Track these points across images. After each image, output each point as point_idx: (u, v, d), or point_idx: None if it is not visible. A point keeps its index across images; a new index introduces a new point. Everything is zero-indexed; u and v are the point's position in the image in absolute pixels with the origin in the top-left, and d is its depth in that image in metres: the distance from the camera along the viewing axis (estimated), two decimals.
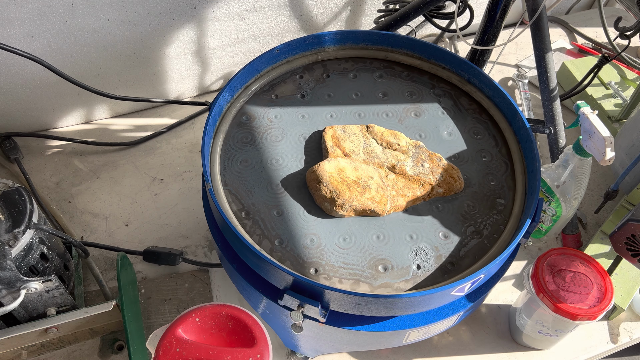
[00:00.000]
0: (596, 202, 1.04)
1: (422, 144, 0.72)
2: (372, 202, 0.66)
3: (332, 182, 0.66)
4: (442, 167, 0.69)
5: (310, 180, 0.68)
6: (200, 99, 1.18)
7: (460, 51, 1.30)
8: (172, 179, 1.04)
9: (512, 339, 0.86)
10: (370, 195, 0.66)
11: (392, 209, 0.66)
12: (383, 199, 0.66)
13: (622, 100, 1.15)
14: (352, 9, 1.18)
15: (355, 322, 0.63)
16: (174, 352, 0.59)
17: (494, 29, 0.96)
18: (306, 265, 0.63)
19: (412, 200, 0.67)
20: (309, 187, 0.68)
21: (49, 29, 0.93)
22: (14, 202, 0.72)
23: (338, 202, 0.65)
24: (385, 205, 0.66)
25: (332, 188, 0.65)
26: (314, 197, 0.67)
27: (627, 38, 0.91)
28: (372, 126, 0.73)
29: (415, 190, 0.68)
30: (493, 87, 0.76)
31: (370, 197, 0.66)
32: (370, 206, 0.65)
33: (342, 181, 0.66)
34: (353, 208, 0.65)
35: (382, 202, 0.66)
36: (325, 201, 0.66)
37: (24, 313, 0.74)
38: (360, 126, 0.73)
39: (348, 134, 0.72)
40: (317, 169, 0.67)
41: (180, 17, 1.01)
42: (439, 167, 0.69)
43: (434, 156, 0.70)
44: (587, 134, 0.75)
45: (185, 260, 0.91)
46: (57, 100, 1.05)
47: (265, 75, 0.79)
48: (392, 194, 0.67)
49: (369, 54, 0.83)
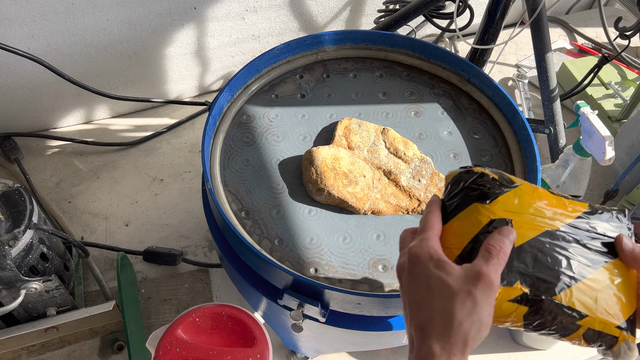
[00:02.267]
0: (596, 202, 1.04)
1: (430, 161, 0.70)
2: (351, 197, 0.66)
3: (321, 167, 0.66)
4: (438, 189, 0.69)
5: (305, 159, 0.69)
6: (200, 99, 1.18)
7: (460, 51, 1.30)
8: (172, 179, 1.04)
9: (512, 338, 0.86)
10: (353, 190, 0.66)
11: (369, 210, 0.67)
12: (365, 197, 0.66)
13: (622, 100, 1.15)
14: (352, 9, 1.18)
15: (355, 322, 0.63)
16: (174, 352, 0.59)
17: (494, 28, 0.96)
18: (306, 265, 0.63)
19: (395, 208, 0.67)
20: (302, 165, 0.69)
21: (49, 29, 0.93)
22: (14, 202, 0.72)
23: (319, 186, 0.66)
24: (364, 204, 0.66)
25: (320, 172, 0.66)
26: (303, 176, 0.68)
27: (627, 38, 0.92)
28: (388, 129, 0.72)
29: (401, 201, 0.67)
30: (493, 87, 0.76)
31: (352, 192, 0.66)
32: (348, 199, 0.66)
33: (333, 169, 0.67)
34: (331, 195, 0.66)
35: (362, 201, 0.66)
36: (309, 182, 0.67)
37: (24, 313, 0.74)
38: (377, 126, 0.73)
39: (361, 129, 0.72)
40: (313, 151, 0.68)
41: (180, 17, 1.01)
42: (436, 187, 0.69)
43: (436, 175, 0.69)
44: (587, 134, 0.75)
45: (185, 260, 0.91)
46: (57, 100, 1.05)
47: (265, 75, 0.79)
48: (375, 197, 0.67)
49: (369, 54, 0.83)
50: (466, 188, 0.47)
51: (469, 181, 0.48)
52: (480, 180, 0.47)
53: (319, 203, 0.67)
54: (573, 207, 0.47)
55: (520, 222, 0.46)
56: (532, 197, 0.47)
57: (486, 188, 0.47)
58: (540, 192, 0.48)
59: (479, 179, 0.48)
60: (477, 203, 0.46)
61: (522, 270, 0.44)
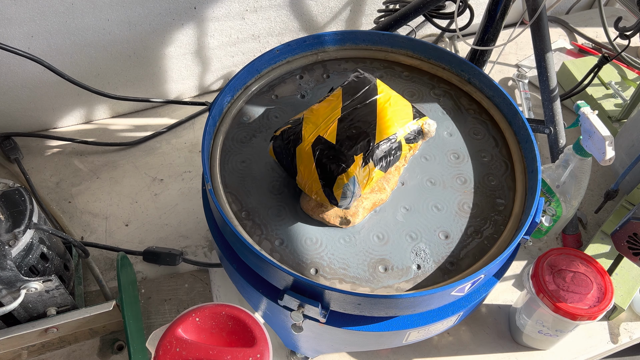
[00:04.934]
0: (596, 202, 1.04)
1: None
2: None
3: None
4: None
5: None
6: (200, 99, 1.18)
7: (460, 51, 1.30)
8: (172, 179, 1.04)
9: (512, 339, 0.86)
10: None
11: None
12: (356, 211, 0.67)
13: (622, 100, 1.15)
14: (352, 9, 1.18)
15: (355, 322, 0.63)
16: (174, 352, 0.59)
17: (494, 29, 0.96)
18: (306, 266, 0.63)
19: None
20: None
21: (49, 29, 0.93)
22: (14, 202, 0.72)
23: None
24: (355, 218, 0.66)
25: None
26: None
27: (627, 38, 0.91)
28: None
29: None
30: (493, 87, 0.76)
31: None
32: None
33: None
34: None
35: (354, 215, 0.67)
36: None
37: (24, 313, 0.74)
38: None
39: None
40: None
41: (180, 17, 1.01)
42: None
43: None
44: (587, 134, 0.75)
45: (185, 260, 0.91)
46: (57, 100, 1.05)
47: (265, 76, 0.79)
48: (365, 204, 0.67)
49: (369, 54, 0.83)
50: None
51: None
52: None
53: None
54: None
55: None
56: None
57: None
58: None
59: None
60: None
61: None
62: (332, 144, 0.63)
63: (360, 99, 0.67)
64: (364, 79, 0.69)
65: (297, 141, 0.64)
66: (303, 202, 0.67)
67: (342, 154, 0.62)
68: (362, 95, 0.67)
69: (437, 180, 0.70)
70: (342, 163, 0.61)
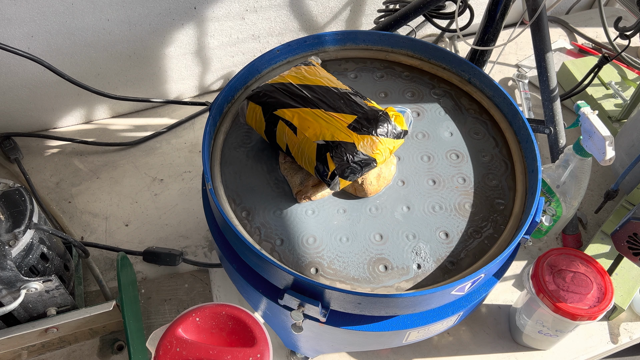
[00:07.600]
0: (596, 202, 1.04)
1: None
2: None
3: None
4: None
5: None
6: (200, 99, 1.18)
7: (460, 51, 1.30)
8: (172, 179, 1.04)
9: (512, 339, 0.86)
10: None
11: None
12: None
13: (622, 100, 1.15)
14: (352, 9, 1.18)
15: (356, 322, 0.63)
16: (174, 351, 0.59)
17: (494, 29, 0.96)
18: (306, 265, 0.63)
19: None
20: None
21: (49, 29, 0.93)
22: (14, 202, 0.72)
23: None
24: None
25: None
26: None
27: (627, 38, 0.91)
28: None
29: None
30: (493, 87, 0.76)
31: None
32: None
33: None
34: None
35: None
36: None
37: (24, 313, 0.74)
38: None
39: None
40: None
41: (180, 17, 1.01)
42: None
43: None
44: (587, 134, 0.75)
45: (185, 260, 0.91)
46: (57, 100, 1.05)
47: (266, 76, 0.79)
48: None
49: (369, 54, 0.83)
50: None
51: None
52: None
53: (320, 203, 0.67)
54: None
55: None
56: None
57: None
58: None
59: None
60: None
61: None
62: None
63: None
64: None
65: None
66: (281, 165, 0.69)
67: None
68: None
69: (437, 180, 0.70)
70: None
